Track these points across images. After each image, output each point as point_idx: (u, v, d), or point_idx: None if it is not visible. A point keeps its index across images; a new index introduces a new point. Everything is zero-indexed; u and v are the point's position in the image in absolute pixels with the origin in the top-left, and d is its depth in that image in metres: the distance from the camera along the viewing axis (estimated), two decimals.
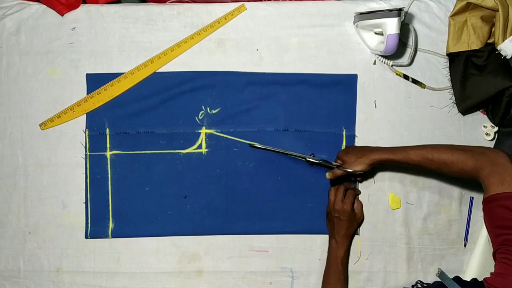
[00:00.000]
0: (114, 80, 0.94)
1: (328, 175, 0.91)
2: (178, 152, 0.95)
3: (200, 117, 0.95)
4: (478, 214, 0.96)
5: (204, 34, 0.95)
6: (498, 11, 0.88)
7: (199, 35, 0.95)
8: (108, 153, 0.94)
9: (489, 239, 0.94)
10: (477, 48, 0.91)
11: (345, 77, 0.95)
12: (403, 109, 0.96)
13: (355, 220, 0.92)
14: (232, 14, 0.95)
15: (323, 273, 0.92)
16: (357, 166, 0.86)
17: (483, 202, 0.72)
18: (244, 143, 0.94)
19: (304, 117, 0.95)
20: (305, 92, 0.95)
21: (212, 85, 0.95)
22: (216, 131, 0.94)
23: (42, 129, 0.94)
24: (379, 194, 0.96)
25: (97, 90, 0.94)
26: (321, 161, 0.92)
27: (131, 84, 0.94)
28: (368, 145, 0.91)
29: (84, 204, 0.94)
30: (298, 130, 0.95)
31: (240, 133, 0.94)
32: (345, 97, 0.96)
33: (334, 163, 0.90)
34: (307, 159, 0.92)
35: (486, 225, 0.72)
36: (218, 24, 0.95)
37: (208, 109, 0.95)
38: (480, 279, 0.95)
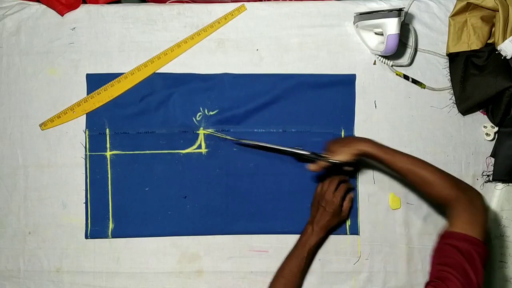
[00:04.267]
0: (114, 80, 0.94)
1: (311, 166, 0.86)
2: (178, 152, 0.95)
3: (197, 118, 0.95)
4: None
5: (204, 34, 0.95)
6: (498, 11, 0.88)
7: (199, 35, 0.95)
8: (108, 153, 0.94)
9: (489, 240, 0.95)
10: (477, 48, 0.91)
11: (344, 77, 0.95)
12: (403, 109, 0.96)
13: (339, 216, 0.91)
14: (232, 14, 0.95)
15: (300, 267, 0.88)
16: (340, 156, 0.81)
17: (438, 235, 0.71)
18: (234, 140, 0.94)
19: (303, 118, 0.95)
20: (303, 92, 0.95)
21: (211, 87, 0.95)
22: (215, 132, 0.94)
23: (42, 129, 0.94)
24: (379, 194, 0.96)
25: (97, 90, 0.94)
26: (309, 153, 0.88)
27: (131, 84, 0.94)
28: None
29: (84, 204, 0.94)
30: (296, 131, 0.95)
31: (238, 133, 0.94)
32: (344, 97, 0.96)
33: (323, 154, 0.86)
34: (295, 151, 0.89)
35: (431, 256, 0.71)
36: (218, 24, 0.95)
37: (206, 110, 0.95)
38: None
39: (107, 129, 0.94)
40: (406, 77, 0.96)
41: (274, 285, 0.87)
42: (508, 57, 0.88)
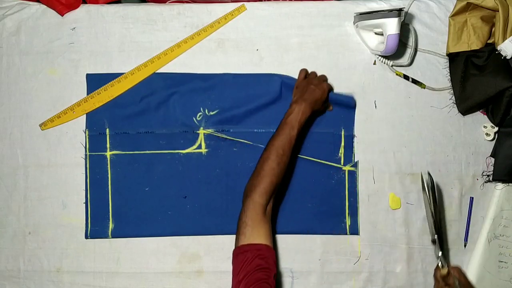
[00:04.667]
0: (114, 80, 0.94)
1: (440, 272, 0.82)
2: (178, 152, 0.95)
3: (198, 118, 0.95)
4: (478, 215, 0.97)
5: (204, 34, 0.95)
6: (498, 11, 0.88)
7: (199, 35, 0.95)
8: (108, 153, 0.94)
9: (489, 240, 0.95)
10: (477, 48, 0.91)
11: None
12: (403, 109, 0.96)
13: (323, 103, 0.90)
14: (232, 14, 0.95)
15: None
16: None
17: None
18: (244, 143, 0.94)
19: None
20: None
21: (211, 88, 0.95)
22: (215, 132, 0.94)
23: (42, 129, 0.94)
24: (379, 194, 0.96)
25: (97, 90, 0.94)
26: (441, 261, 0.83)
27: (131, 84, 0.94)
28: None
29: (84, 204, 0.94)
30: None
31: (238, 133, 0.94)
32: (344, 98, 0.95)
33: (446, 266, 0.82)
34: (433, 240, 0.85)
35: None
36: (218, 24, 0.95)
37: (206, 111, 0.95)
38: (481, 280, 0.96)
39: (107, 129, 0.94)
40: (406, 77, 0.96)
41: (268, 164, 0.80)
42: (508, 57, 0.88)
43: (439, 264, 0.82)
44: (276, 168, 0.80)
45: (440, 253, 0.83)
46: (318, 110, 0.90)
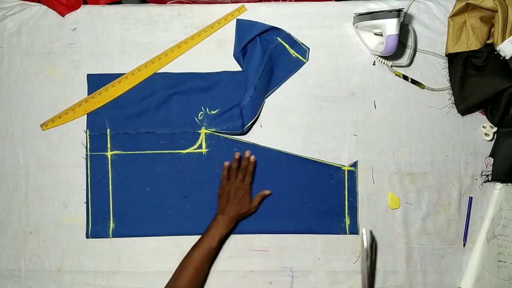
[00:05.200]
0: (115, 80, 0.95)
1: None
2: (178, 152, 0.95)
3: (199, 118, 0.95)
4: (477, 214, 0.97)
5: (204, 34, 0.96)
6: (497, 11, 0.88)
7: (199, 36, 0.96)
8: (109, 153, 0.95)
9: (488, 239, 0.95)
10: (476, 48, 0.92)
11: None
12: (402, 109, 0.97)
13: (248, 206, 0.92)
14: (232, 15, 0.96)
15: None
16: None
17: None
18: (245, 143, 0.95)
19: None
20: None
21: (212, 86, 0.95)
22: (216, 131, 0.95)
23: (43, 129, 0.95)
24: (379, 194, 0.96)
25: (98, 90, 0.94)
26: None
27: (131, 84, 0.95)
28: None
29: (85, 204, 0.95)
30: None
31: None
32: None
33: None
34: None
35: None
36: (218, 25, 0.96)
37: (207, 110, 0.95)
38: (480, 279, 0.96)
39: (108, 129, 0.95)
40: (405, 78, 0.96)
41: (184, 274, 0.85)
42: (507, 58, 0.88)
43: None
44: (193, 278, 0.85)
45: None
46: (247, 212, 0.92)
